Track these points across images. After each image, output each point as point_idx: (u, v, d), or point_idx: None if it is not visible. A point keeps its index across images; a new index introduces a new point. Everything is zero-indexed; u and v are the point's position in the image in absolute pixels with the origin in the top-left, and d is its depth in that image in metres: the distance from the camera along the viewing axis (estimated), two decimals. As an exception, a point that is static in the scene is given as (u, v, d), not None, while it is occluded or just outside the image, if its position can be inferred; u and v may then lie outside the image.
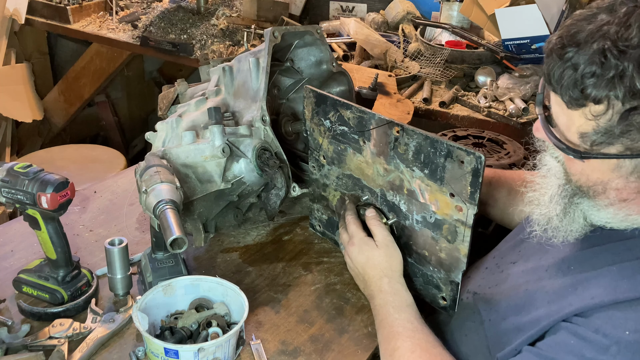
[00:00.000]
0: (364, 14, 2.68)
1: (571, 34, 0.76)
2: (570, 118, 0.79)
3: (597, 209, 0.85)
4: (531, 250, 1.01)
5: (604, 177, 0.81)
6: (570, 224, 0.88)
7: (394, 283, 1.06)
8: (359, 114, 1.11)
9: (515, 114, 1.88)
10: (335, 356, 1.03)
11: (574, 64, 0.75)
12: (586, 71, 0.74)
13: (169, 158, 1.17)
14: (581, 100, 0.75)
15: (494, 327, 0.96)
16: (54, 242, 1.08)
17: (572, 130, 0.80)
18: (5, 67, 2.97)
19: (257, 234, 1.36)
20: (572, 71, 0.75)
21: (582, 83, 0.74)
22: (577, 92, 0.75)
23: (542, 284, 0.91)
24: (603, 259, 0.85)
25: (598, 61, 0.73)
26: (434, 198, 1.02)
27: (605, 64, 0.72)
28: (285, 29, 1.34)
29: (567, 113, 0.79)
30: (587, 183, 0.84)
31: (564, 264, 0.91)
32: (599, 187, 0.82)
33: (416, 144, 1.02)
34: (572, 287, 0.85)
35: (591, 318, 0.79)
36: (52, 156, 2.73)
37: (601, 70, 0.73)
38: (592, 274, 0.84)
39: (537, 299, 0.90)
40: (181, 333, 0.99)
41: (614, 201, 0.82)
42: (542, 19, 1.98)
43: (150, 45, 2.61)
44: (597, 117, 0.75)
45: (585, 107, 0.76)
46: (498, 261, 1.09)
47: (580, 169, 0.83)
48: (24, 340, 1.00)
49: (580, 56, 0.74)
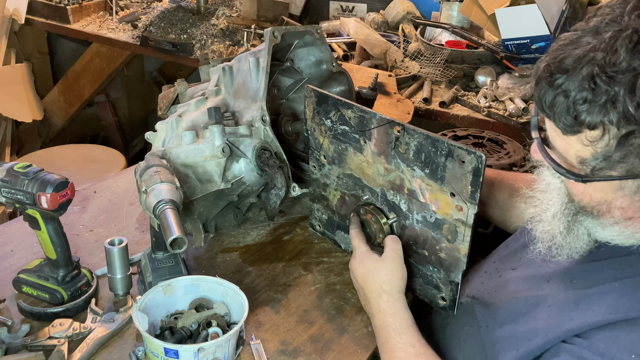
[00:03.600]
0: (364, 14, 2.68)
1: (558, 60, 0.75)
2: (568, 142, 0.78)
3: (602, 227, 0.84)
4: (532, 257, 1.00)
5: (608, 197, 0.80)
6: (575, 242, 0.86)
7: (393, 301, 1.03)
8: (360, 114, 1.11)
9: (515, 114, 1.88)
10: (335, 356, 1.03)
11: (564, 91, 0.74)
12: (578, 97, 0.73)
13: (169, 158, 1.17)
14: (576, 127, 0.75)
15: (491, 333, 0.95)
16: (54, 242, 1.08)
17: (571, 153, 0.79)
18: (5, 67, 2.97)
19: (257, 234, 1.36)
20: (564, 98, 0.74)
21: (574, 110, 0.73)
22: (570, 119, 0.74)
23: (543, 295, 0.91)
24: (605, 275, 0.84)
25: (588, 87, 0.72)
26: (435, 197, 1.02)
27: (596, 90, 0.71)
28: (285, 29, 1.34)
29: (564, 138, 0.78)
30: (591, 203, 0.82)
31: (566, 276, 0.90)
32: (603, 206, 0.81)
33: (417, 143, 1.02)
34: (574, 302, 0.84)
35: (594, 340, 0.78)
36: (52, 156, 2.73)
37: (592, 96, 0.72)
38: (594, 290, 0.83)
39: (537, 310, 0.89)
40: (181, 333, 0.99)
41: (619, 220, 0.81)
42: (542, 19, 1.98)
43: (150, 45, 2.61)
44: (593, 142, 0.75)
45: (581, 133, 0.75)
46: (498, 266, 1.08)
47: (582, 189, 0.82)
48: (24, 340, 1.00)
49: (570, 82, 0.74)
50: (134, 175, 1.09)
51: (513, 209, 1.22)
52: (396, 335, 0.99)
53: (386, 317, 1.02)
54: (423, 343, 0.98)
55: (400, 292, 1.05)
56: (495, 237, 1.39)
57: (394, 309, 1.02)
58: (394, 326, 1.00)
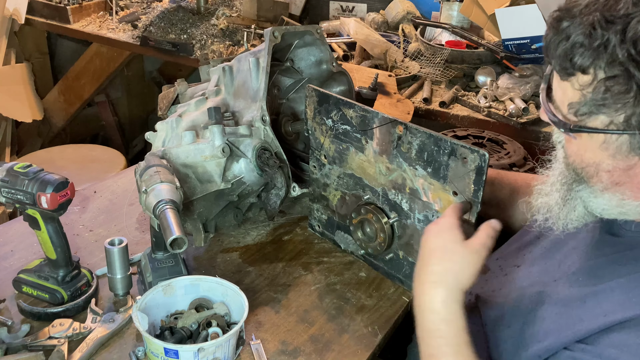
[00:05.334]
0: (364, 14, 2.68)
1: (568, 8, 0.78)
2: (564, 91, 0.80)
3: (595, 196, 0.85)
4: (536, 254, 1.00)
5: (595, 157, 0.81)
6: (570, 212, 0.88)
7: (451, 302, 0.87)
8: (362, 113, 1.11)
9: (515, 114, 1.88)
10: (335, 356, 1.03)
11: (567, 35, 0.77)
12: (576, 40, 0.75)
13: (169, 158, 1.17)
14: (570, 69, 0.77)
15: (497, 332, 0.94)
16: (54, 242, 1.08)
17: (565, 103, 0.81)
18: (5, 67, 2.97)
19: (257, 234, 1.36)
20: (565, 41, 0.77)
21: (571, 53, 0.76)
22: (567, 62, 0.77)
23: (548, 292, 0.90)
24: (611, 271, 0.84)
25: (587, 32, 0.74)
26: (437, 197, 1.02)
27: (593, 35, 0.74)
28: (285, 29, 1.34)
29: (562, 86, 0.81)
30: (581, 164, 0.84)
31: (573, 275, 0.90)
32: (591, 168, 0.83)
33: (419, 142, 1.02)
34: (581, 300, 0.84)
35: (601, 345, 0.78)
36: (52, 156, 2.73)
37: (589, 40, 0.74)
38: (600, 287, 0.83)
39: (544, 309, 0.89)
40: (181, 333, 0.99)
41: (607, 185, 0.82)
42: (542, 19, 1.98)
43: (150, 45, 2.61)
44: (583, 87, 0.77)
45: (574, 76, 0.77)
46: (501, 263, 1.08)
47: (575, 148, 0.84)
48: (24, 340, 1.00)
49: (573, 27, 0.76)
50: (134, 175, 1.09)
51: (513, 209, 1.22)
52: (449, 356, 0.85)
53: (439, 324, 0.87)
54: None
55: (462, 292, 0.88)
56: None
57: (450, 314, 0.87)
58: (447, 339, 0.86)
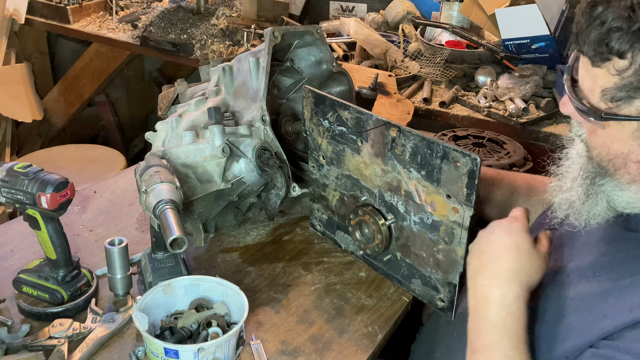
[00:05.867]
0: (364, 14, 2.68)
1: None
2: (595, 79, 0.79)
3: (620, 189, 0.83)
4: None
5: (624, 147, 0.80)
6: (593, 207, 0.86)
7: (521, 301, 0.86)
8: (357, 115, 1.11)
9: (515, 114, 1.88)
10: (335, 356, 1.03)
11: (602, 21, 0.75)
12: (613, 25, 0.74)
13: (169, 158, 1.17)
14: (605, 54, 0.75)
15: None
16: (54, 242, 1.08)
17: (595, 91, 0.79)
18: (5, 67, 2.97)
19: (257, 234, 1.36)
20: (600, 26, 0.75)
21: (607, 37, 0.74)
22: (602, 47, 0.75)
23: (563, 289, 0.89)
24: (631, 267, 0.83)
25: (625, 15, 0.73)
26: (431, 199, 1.02)
27: (632, 18, 0.72)
28: (285, 29, 1.34)
29: (592, 73, 0.79)
30: (608, 156, 0.82)
31: (588, 270, 0.88)
32: (619, 159, 0.81)
33: (413, 145, 1.02)
34: (602, 295, 0.83)
35: (626, 341, 0.76)
36: (52, 156, 2.73)
37: (628, 23, 0.72)
38: (622, 283, 0.82)
39: (563, 306, 0.87)
40: (181, 333, 1.00)
41: (635, 177, 0.81)
42: (542, 19, 1.98)
43: (150, 45, 2.62)
44: (620, 72, 0.75)
45: (610, 61, 0.75)
46: None
47: (601, 140, 0.82)
48: (24, 340, 1.00)
49: (608, 12, 0.74)
50: (134, 175, 1.09)
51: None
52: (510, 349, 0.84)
53: (506, 319, 0.85)
54: None
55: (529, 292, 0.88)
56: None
57: (519, 311, 0.86)
58: (511, 334, 0.85)
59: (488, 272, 0.90)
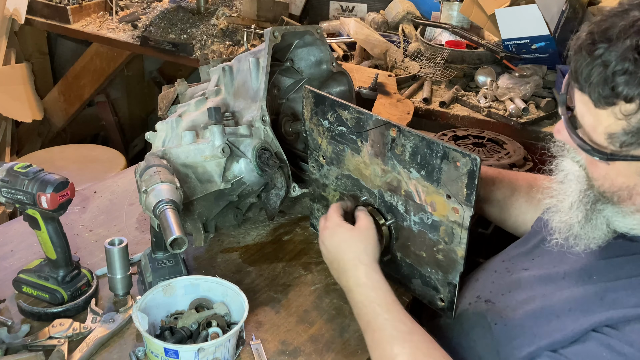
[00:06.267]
0: (364, 14, 2.68)
1: (602, 30, 0.73)
2: (598, 118, 0.76)
3: (622, 216, 0.82)
4: (546, 258, 0.99)
5: (630, 181, 0.78)
6: (593, 231, 0.85)
7: (372, 273, 0.99)
8: (357, 115, 1.11)
9: (515, 114, 1.88)
10: (335, 356, 1.03)
11: (604, 61, 0.72)
12: (618, 68, 0.71)
13: (169, 158, 1.17)
14: (611, 98, 0.72)
15: (507, 330, 0.94)
16: (54, 242, 1.08)
17: (598, 130, 0.76)
18: (5, 67, 2.97)
19: (257, 234, 1.36)
20: (603, 68, 0.72)
21: (612, 80, 0.71)
22: (607, 90, 0.72)
23: (559, 291, 0.89)
24: (630, 270, 0.83)
25: (632, 57, 0.70)
26: (431, 199, 1.02)
27: (638, 61, 0.69)
28: (285, 29, 1.34)
29: (594, 113, 0.76)
30: (612, 188, 0.80)
31: (584, 273, 0.88)
32: (624, 192, 0.79)
33: (413, 145, 1.02)
34: (597, 296, 0.83)
35: (625, 330, 0.77)
36: (52, 156, 2.73)
37: (634, 67, 0.70)
38: (618, 283, 0.82)
39: (556, 306, 0.88)
40: (181, 333, 0.99)
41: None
42: (542, 19, 1.98)
43: (150, 45, 2.62)
44: (628, 116, 0.72)
45: (615, 105, 0.73)
46: (508, 265, 1.07)
47: (604, 173, 0.80)
48: (24, 340, 1.00)
49: (611, 53, 0.71)
50: (134, 175, 1.09)
51: (512, 208, 1.22)
52: (383, 311, 0.94)
53: (368, 292, 0.97)
54: (411, 319, 0.95)
55: (377, 263, 1.03)
56: (496, 237, 1.39)
57: (375, 282, 0.99)
58: (379, 301, 0.96)
59: (339, 271, 1.04)
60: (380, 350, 0.92)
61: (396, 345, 0.91)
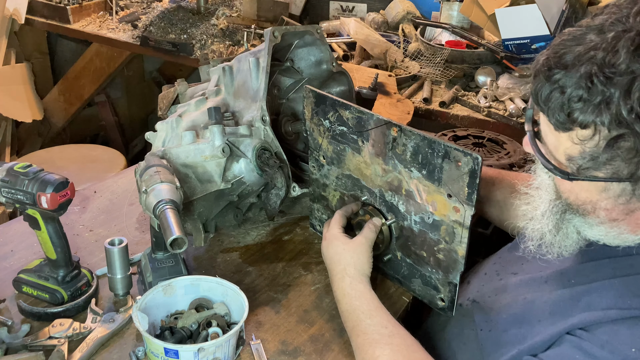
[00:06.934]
0: (364, 14, 2.69)
1: (559, 56, 0.75)
2: (558, 139, 0.79)
3: (589, 226, 0.84)
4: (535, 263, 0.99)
5: (593, 197, 0.80)
6: (564, 240, 0.87)
7: (356, 284, 1.04)
8: (358, 114, 1.11)
9: (515, 114, 1.88)
10: (335, 356, 1.03)
11: (561, 87, 0.74)
12: (573, 95, 0.73)
13: (169, 158, 1.17)
14: (568, 124, 0.75)
15: (491, 337, 0.95)
16: (54, 242, 1.08)
17: (560, 150, 0.79)
18: (5, 67, 2.97)
19: (257, 234, 1.36)
20: (560, 94, 0.74)
21: (569, 107, 0.73)
22: (563, 116, 0.74)
23: (541, 295, 0.91)
24: (604, 272, 0.84)
25: (585, 85, 0.72)
26: (432, 199, 1.02)
27: (592, 89, 0.71)
28: (285, 29, 1.34)
29: (555, 134, 0.79)
30: (577, 202, 0.83)
31: (564, 277, 0.90)
32: (588, 206, 0.82)
33: (414, 144, 1.02)
34: (573, 299, 0.85)
35: (596, 333, 0.78)
36: (52, 156, 2.73)
37: (588, 95, 0.71)
38: (592, 286, 0.84)
39: (537, 310, 0.89)
40: (181, 333, 0.99)
41: (604, 220, 0.82)
42: (542, 19, 1.98)
43: (150, 45, 2.62)
44: (583, 141, 0.75)
45: (572, 130, 0.75)
46: (498, 268, 1.08)
47: (569, 187, 0.83)
48: (24, 340, 1.00)
49: (567, 79, 0.73)
50: (134, 175, 1.09)
51: (512, 209, 1.21)
52: (366, 317, 0.99)
53: (352, 301, 1.02)
54: (394, 323, 0.98)
55: (364, 276, 1.06)
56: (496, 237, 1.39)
57: (358, 292, 1.03)
58: (362, 309, 1.00)
59: (331, 281, 1.10)
60: (362, 353, 0.96)
61: (377, 347, 0.94)
